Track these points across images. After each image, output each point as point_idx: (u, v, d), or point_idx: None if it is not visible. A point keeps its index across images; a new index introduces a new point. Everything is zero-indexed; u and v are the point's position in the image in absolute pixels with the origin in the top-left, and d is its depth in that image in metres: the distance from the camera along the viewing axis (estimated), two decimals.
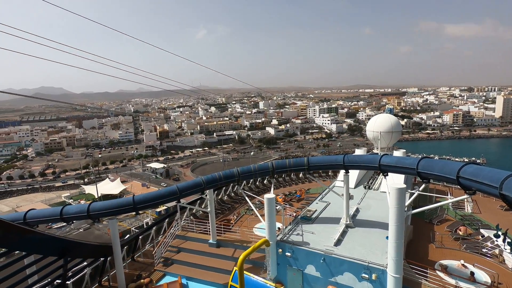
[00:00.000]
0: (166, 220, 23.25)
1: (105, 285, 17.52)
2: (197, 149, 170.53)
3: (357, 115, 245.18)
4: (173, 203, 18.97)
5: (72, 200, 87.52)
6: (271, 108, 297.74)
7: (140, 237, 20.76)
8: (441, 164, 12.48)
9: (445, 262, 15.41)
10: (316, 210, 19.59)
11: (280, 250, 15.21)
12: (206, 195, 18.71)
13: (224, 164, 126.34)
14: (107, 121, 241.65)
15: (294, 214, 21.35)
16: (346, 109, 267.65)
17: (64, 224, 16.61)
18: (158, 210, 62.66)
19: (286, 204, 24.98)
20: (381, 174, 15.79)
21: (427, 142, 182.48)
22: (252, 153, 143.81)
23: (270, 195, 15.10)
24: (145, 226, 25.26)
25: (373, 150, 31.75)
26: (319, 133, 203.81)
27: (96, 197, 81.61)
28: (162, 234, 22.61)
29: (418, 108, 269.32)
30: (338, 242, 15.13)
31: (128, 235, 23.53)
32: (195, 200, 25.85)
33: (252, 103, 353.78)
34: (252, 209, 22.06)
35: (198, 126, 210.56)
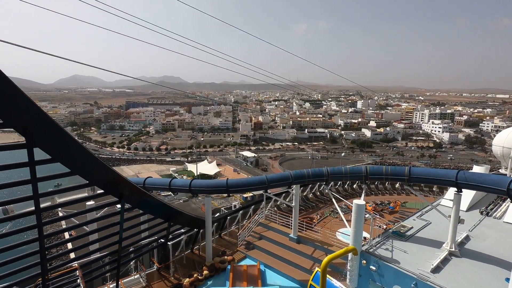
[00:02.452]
0: (252, 207, 24.60)
1: (196, 253, 19.91)
2: (287, 143, 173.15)
3: (480, 124, 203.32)
4: (260, 192, 19.86)
5: (177, 174, 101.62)
6: (370, 108, 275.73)
7: (228, 217, 22.65)
8: None
9: None
10: (412, 227, 17.35)
11: (364, 261, 14.14)
12: (292, 190, 18.87)
13: (312, 161, 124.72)
14: (211, 109, 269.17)
15: (385, 226, 19.48)
16: (465, 117, 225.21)
17: (169, 193, 19.52)
18: (245, 195, 66.81)
19: (376, 214, 22.96)
20: (510, 201, 12.76)
21: None
22: (343, 154, 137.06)
23: (360, 201, 14.12)
24: (233, 208, 27.30)
25: (500, 170, 25.89)
26: (426, 141, 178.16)
27: (195, 175, 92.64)
28: (247, 219, 24.10)
29: None
30: (436, 269, 13.07)
31: (218, 214, 26.02)
32: (281, 193, 26.44)
33: (350, 101, 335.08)
34: (338, 212, 21.17)
35: (291, 121, 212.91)
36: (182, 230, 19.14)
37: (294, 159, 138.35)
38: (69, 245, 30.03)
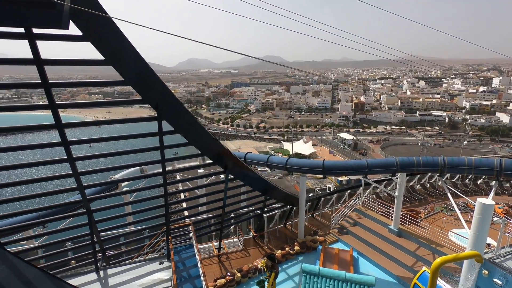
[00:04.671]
0: (348, 191, 23.62)
1: (288, 229, 20.70)
2: (392, 127, 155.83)
3: None
4: (358, 177, 18.77)
5: (273, 152, 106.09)
6: None
7: (322, 198, 22.45)
8: None
9: None
10: None
11: (486, 272, 11.86)
12: (397, 178, 17.07)
13: (422, 148, 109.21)
14: (309, 88, 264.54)
15: None
16: None
17: (266, 169, 20.56)
18: (340, 179, 64.65)
19: (509, 219, 18.63)
20: None
21: None
22: (465, 142, 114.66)
23: (488, 200, 11.63)
24: (327, 190, 26.85)
25: None
26: None
27: (291, 153, 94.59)
28: (342, 202, 23.38)
29: None
30: None
31: (311, 194, 26.09)
32: (381, 180, 24.41)
33: (482, 79, 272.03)
34: (452, 210, 18.26)
35: (399, 102, 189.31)
36: (277, 205, 20.11)
37: (399, 145, 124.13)
38: (184, 204, 35.88)
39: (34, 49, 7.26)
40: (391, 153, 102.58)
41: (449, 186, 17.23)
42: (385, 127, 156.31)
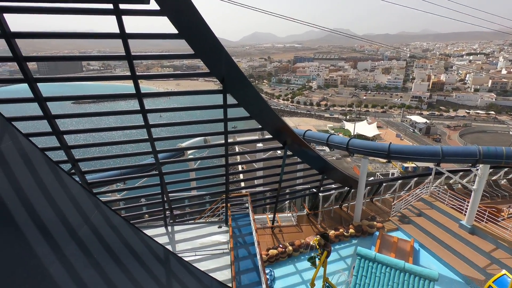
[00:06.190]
0: (415, 179, 21.80)
1: (344, 211, 20.26)
2: (477, 111, 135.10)
3: None
4: (426, 165, 17.07)
5: (333, 131, 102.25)
6: None
7: (384, 184, 21.19)
8: None
9: None
10: None
11: None
12: (477, 170, 15.04)
13: None
14: (379, 65, 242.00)
15: None
16: None
17: (324, 149, 19.97)
18: (406, 165, 59.89)
19: None
20: None
21: None
22: None
23: None
24: (390, 176, 25.13)
25: None
26: None
27: (352, 134, 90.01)
28: (406, 190, 21.79)
29: None
30: None
31: (372, 178, 24.72)
32: (456, 170, 21.89)
33: None
34: None
35: (490, 82, 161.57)
36: (333, 186, 19.67)
37: (483, 132, 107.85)
38: (241, 176, 37.57)
39: (120, 24, 8.01)
40: (472, 141, 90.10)
41: None
42: (467, 111, 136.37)
